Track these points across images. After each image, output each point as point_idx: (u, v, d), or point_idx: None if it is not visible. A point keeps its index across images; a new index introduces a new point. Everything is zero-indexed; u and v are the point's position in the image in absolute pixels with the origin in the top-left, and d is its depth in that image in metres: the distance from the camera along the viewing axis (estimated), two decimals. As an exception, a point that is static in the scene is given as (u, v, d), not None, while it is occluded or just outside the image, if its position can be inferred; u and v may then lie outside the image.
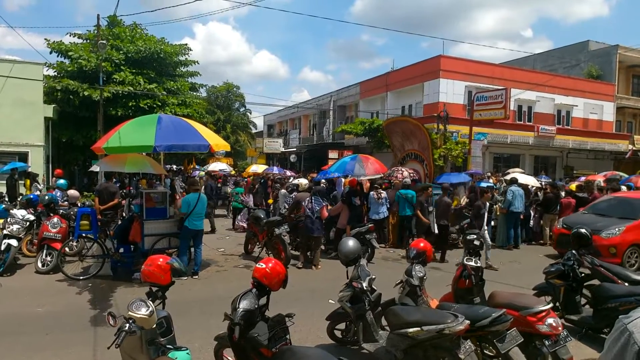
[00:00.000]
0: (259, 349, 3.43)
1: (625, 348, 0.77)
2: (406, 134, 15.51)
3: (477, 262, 4.91)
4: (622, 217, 9.90)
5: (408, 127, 15.57)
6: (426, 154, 14.83)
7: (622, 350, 0.78)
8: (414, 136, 15.16)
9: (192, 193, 8.39)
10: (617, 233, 9.47)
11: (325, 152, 27.37)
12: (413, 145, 15.26)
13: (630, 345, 0.77)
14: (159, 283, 3.55)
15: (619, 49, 30.50)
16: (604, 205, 11.00)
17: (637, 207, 10.02)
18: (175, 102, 21.48)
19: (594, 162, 27.96)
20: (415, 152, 15.21)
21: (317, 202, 9.33)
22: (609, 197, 11.65)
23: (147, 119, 8.70)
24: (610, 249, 9.24)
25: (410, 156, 15.36)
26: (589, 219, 10.28)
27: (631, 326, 0.79)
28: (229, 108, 43.77)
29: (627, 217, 9.80)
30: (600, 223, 9.81)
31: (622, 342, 0.78)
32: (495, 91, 20.96)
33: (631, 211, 10.00)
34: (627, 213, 9.98)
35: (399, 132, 15.92)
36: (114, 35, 22.14)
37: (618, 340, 0.79)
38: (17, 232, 8.30)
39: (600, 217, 10.29)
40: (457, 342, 3.77)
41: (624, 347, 0.78)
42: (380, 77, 30.84)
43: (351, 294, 4.67)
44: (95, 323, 5.75)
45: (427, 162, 14.84)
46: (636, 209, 9.98)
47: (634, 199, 10.67)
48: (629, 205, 10.37)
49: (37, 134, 17.86)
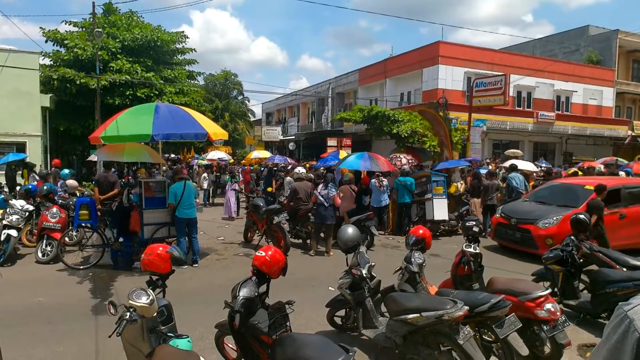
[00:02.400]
0: (260, 336, 3.45)
1: (626, 335, 0.77)
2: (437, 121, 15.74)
3: (476, 248, 4.93)
4: (562, 205, 9.17)
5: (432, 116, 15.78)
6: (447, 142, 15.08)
7: (622, 337, 0.78)
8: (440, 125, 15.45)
9: (178, 182, 8.29)
10: (554, 223, 8.71)
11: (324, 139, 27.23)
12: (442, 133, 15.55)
13: (631, 332, 0.77)
14: (159, 272, 3.56)
15: (619, 33, 30.28)
16: (545, 192, 10.29)
17: (578, 194, 9.24)
18: (172, 91, 21.37)
19: (593, 148, 27.96)
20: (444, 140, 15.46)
21: (330, 190, 9.32)
22: (551, 183, 11.02)
23: (144, 108, 8.64)
24: (546, 240, 8.49)
25: (443, 144, 15.57)
26: (528, 207, 9.68)
27: (632, 313, 0.79)
28: (227, 96, 43.60)
29: (567, 205, 9.00)
30: (539, 212, 9.17)
31: (622, 329, 0.78)
32: (495, 77, 20.88)
33: (572, 198, 9.22)
34: (568, 200, 9.24)
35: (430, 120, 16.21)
36: (110, 23, 21.94)
37: (618, 328, 0.79)
38: (16, 222, 8.30)
39: (541, 205, 9.59)
40: (456, 327, 3.80)
41: (624, 335, 0.78)
42: (378, 64, 30.64)
43: (351, 281, 4.69)
44: (96, 312, 5.78)
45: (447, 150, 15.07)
46: (577, 196, 9.22)
47: (575, 185, 9.91)
48: (570, 192, 9.65)
49: (35, 124, 17.78)
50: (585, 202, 8.63)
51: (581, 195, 9.11)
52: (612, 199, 9.07)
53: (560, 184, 10.53)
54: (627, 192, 9.38)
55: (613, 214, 8.91)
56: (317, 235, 9.46)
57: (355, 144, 25.52)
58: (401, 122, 20.07)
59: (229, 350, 4.18)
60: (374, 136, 22.48)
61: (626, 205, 9.21)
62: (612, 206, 8.94)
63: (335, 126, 31.16)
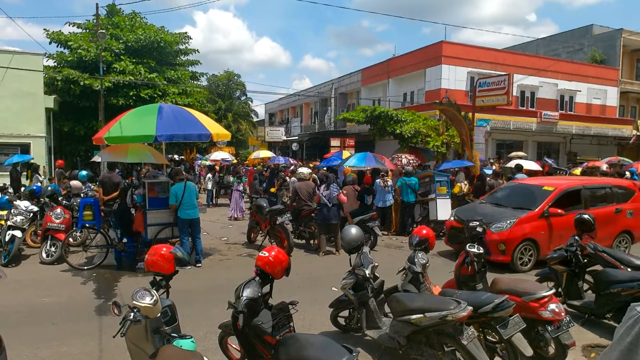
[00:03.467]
0: (263, 337, 3.45)
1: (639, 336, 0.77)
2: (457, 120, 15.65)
3: (480, 248, 4.91)
4: (518, 207, 8.54)
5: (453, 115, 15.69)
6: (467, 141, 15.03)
7: (636, 338, 0.77)
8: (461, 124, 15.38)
9: (178, 183, 8.24)
10: (506, 227, 8.05)
11: (327, 140, 27.26)
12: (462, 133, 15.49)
13: None
14: (162, 272, 3.57)
15: (623, 33, 30.13)
16: (503, 193, 9.70)
17: (535, 196, 8.64)
18: (175, 92, 21.44)
19: (597, 147, 27.84)
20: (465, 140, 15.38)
21: (333, 190, 9.33)
22: (510, 183, 10.44)
23: (148, 109, 8.67)
24: (499, 245, 7.89)
25: (465, 143, 15.48)
26: (483, 209, 9.00)
27: None
28: (230, 97, 43.62)
29: (522, 208, 8.44)
30: (493, 215, 8.44)
31: (636, 330, 0.78)
32: (498, 77, 20.79)
33: (529, 200, 8.60)
34: (524, 202, 8.62)
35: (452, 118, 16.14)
36: (113, 24, 22.02)
37: (632, 329, 0.79)
38: (21, 223, 8.34)
39: (496, 207, 8.94)
40: (460, 328, 3.79)
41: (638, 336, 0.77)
42: (381, 64, 30.62)
43: (354, 281, 4.69)
44: (100, 312, 5.80)
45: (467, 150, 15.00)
46: (534, 197, 8.60)
47: (534, 185, 9.24)
48: (527, 193, 9.00)
49: (39, 125, 17.86)
50: (542, 204, 8.26)
51: (539, 196, 8.53)
52: (573, 201, 8.66)
53: (518, 185, 9.86)
54: (588, 193, 8.78)
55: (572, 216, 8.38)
56: (323, 235, 9.44)
57: (358, 144, 25.53)
58: (404, 122, 20.05)
59: (232, 351, 4.19)
60: (377, 136, 22.46)
61: (587, 207, 8.49)
62: (571, 208, 8.43)
63: (338, 126, 31.17)
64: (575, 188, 8.82)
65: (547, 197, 8.40)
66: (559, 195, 8.44)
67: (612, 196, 8.99)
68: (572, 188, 8.80)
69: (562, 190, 8.57)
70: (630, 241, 8.95)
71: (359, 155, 13.79)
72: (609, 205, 8.79)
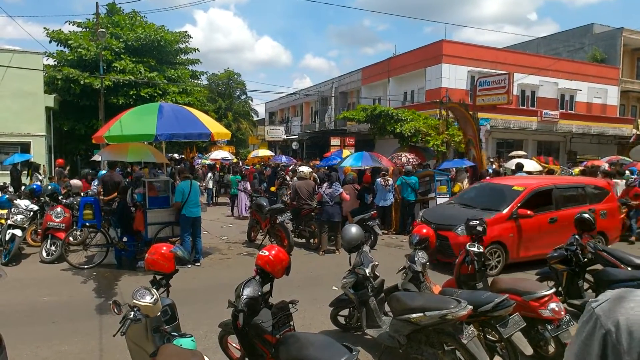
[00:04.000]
0: (263, 336, 3.45)
1: (593, 332, 0.81)
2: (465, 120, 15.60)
3: (480, 247, 4.91)
4: (486, 208, 8.15)
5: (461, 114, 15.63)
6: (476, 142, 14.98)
7: (590, 334, 0.82)
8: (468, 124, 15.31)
9: (184, 181, 8.31)
10: None
11: (327, 139, 27.25)
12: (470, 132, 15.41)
13: (597, 329, 0.81)
14: (163, 271, 3.58)
15: (623, 31, 30.10)
16: (472, 193, 9.34)
17: (504, 196, 8.28)
18: (176, 91, 21.43)
19: (597, 146, 27.81)
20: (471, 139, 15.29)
21: (335, 188, 9.34)
22: (480, 183, 10.17)
23: (148, 108, 8.67)
24: None
25: (471, 143, 15.39)
26: (451, 211, 8.72)
27: (598, 310, 0.83)
28: (230, 96, 43.61)
29: (491, 209, 8.04)
30: (460, 216, 7.80)
31: (590, 326, 0.82)
32: (498, 76, 20.82)
33: (498, 200, 8.25)
34: (493, 203, 8.26)
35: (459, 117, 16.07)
36: (113, 23, 22.01)
37: (587, 324, 0.83)
38: (21, 222, 8.35)
39: (464, 208, 8.55)
40: (460, 327, 3.79)
41: (591, 331, 0.81)
42: (382, 63, 30.60)
43: (354, 280, 4.69)
44: (101, 311, 5.80)
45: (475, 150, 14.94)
46: (503, 197, 8.26)
47: (503, 185, 8.88)
48: (497, 193, 8.66)
49: (39, 124, 17.86)
50: (511, 205, 7.90)
51: (508, 196, 8.17)
52: (544, 201, 8.35)
53: (487, 184, 9.54)
54: (560, 193, 8.43)
55: (543, 218, 8.10)
56: (325, 234, 9.43)
57: (358, 143, 25.53)
58: (404, 121, 20.05)
59: (232, 350, 4.19)
60: (377, 135, 22.45)
61: (558, 207, 8.28)
62: (542, 208, 8.22)
63: (339, 125, 31.16)
64: (546, 188, 8.46)
65: (516, 198, 8.03)
66: (528, 196, 8.10)
67: (585, 196, 8.68)
68: (543, 188, 8.45)
69: (532, 191, 8.22)
70: (604, 243, 8.32)
71: (355, 155, 13.82)
72: (581, 206, 8.30)
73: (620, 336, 0.77)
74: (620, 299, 0.82)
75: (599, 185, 9.18)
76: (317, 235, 9.53)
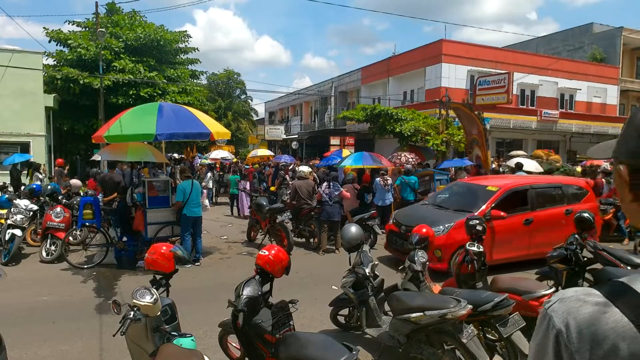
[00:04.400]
0: (263, 335, 3.46)
1: (547, 332, 0.83)
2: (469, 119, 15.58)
3: (480, 247, 4.92)
4: (459, 209, 7.81)
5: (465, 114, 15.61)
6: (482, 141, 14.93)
7: (544, 334, 0.84)
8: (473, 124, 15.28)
9: (185, 180, 8.33)
10: (443, 231, 7.30)
11: (326, 138, 27.27)
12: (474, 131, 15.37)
13: (550, 329, 0.82)
14: (162, 271, 3.58)
15: (623, 31, 30.10)
16: (445, 194, 9.07)
17: (477, 197, 7.98)
18: (175, 90, 21.42)
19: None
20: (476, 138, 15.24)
21: (335, 188, 9.34)
22: (454, 183, 9.93)
23: (148, 108, 8.66)
24: (435, 252, 7.06)
25: (476, 142, 15.30)
26: (423, 212, 8.40)
27: (550, 310, 0.84)
28: (229, 95, 43.56)
29: (464, 210, 7.64)
30: (431, 218, 7.60)
31: (544, 326, 0.84)
32: (498, 75, 20.83)
33: (471, 201, 7.94)
34: (466, 204, 7.94)
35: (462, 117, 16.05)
36: (113, 22, 21.99)
37: (541, 325, 0.85)
38: (20, 222, 8.35)
39: (437, 209, 8.28)
40: (460, 326, 3.79)
41: (545, 332, 0.83)
42: (381, 63, 30.59)
43: (354, 280, 4.69)
44: (101, 311, 5.80)
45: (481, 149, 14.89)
46: (476, 198, 7.94)
47: (477, 185, 8.55)
48: (470, 193, 8.34)
49: (38, 124, 17.85)
50: (484, 206, 7.53)
51: (482, 197, 7.86)
52: (520, 202, 8.07)
53: (462, 184, 9.23)
54: (536, 194, 8.11)
55: (517, 219, 7.78)
56: (324, 233, 9.43)
57: (358, 143, 25.53)
58: (404, 121, 20.06)
59: (232, 349, 4.19)
60: (376, 135, 22.47)
61: (534, 208, 7.98)
62: (518, 209, 7.95)
63: (338, 125, 31.16)
64: (522, 188, 8.15)
65: (489, 198, 7.69)
66: (503, 196, 7.76)
67: (562, 197, 8.37)
68: (519, 188, 8.14)
69: (507, 191, 7.89)
70: None
71: (355, 155, 13.82)
72: (558, 206, 8.14)
73: (571, 335, 0.79)
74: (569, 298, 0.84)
75: (577, 185, 8.90)
76: (317, 234, 9.54)
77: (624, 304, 0.78)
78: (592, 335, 0.77)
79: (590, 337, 0.77)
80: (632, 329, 0.74)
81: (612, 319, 0.77)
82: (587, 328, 0.78)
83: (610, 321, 0.77)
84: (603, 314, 0.78)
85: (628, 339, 0.74)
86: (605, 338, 0.76)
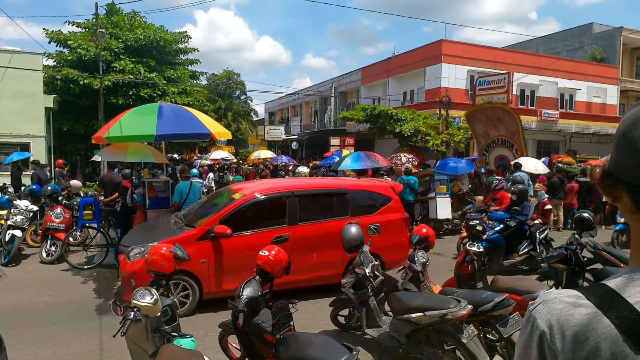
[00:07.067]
0: (263, 336, 3.46)
1: (531, 333, 0.84)
2: (492, 120, 15.57)
3: (480, 247, 4.92)
4: (190, 223, 6.27)
5: (495, 113, 15.59)
6: (516, 139, 14.86)
7: (529, 336, 0.85)
8: (501, 122, 15.21)
9: (184, 181, 8.29)
10: (144, 253, 4.78)
11: (326, 139, 27.27)
12: (499, 132, 15.28)
13: (534, 330, 0.84)
14: (163, 271, 3.58)
15: (623, 31, 30.10)
16: (204, 201, 7.57)
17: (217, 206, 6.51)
18: (175, 91, 21.42)
19: (597, 146, 27.80)
20: (502, 138, 15.15)
21: None
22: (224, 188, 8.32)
23: (147, 108, 8.65)
24: (131, 281, 5.53)
25: (497, 142, 15.17)
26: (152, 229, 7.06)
27: (534, 312, 0.85)
28: (229, 96, 43.56)
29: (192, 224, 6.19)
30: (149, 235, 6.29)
31: (528, 327, 0.85)
32: (498, 75, 20.76)
33: (210, 212, 6.42)
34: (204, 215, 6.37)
35: (482, 119, 16.06)
36: (112, 23, 21.98)
37: (526, 326, 0.87)
38: (20, 222, 8.34)
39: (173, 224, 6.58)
40: (460, 326, 3.79)
41: (530, 334, 0.85)
42: (381, 63, 30.60)
43: (354, 280, 4.69)
44: (101, 312, 5.80)
45: (517, 147, 14.79)
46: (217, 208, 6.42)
47: (229, 190, 7.17)
48: (217, 201, 6.96)
49: (38, 125, 17.83)
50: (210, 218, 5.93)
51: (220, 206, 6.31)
52: (279, 213, 6.33)
53: (224, 190, 7.79)
54: (300, 202, 6.35)
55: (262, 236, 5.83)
56: None
57: (358, 143, 25.53)
58: (404, 121, 20.07)
59: (232, 350, 4.19)
60: (376, 135, 22.46)
61: (293, 221, 6.23)
62: (269, 222, 6.24)
63: (338, 125, 31.16)
64: (276, 195, 6.44)
65: (221, 210, 6.06)
66: (241, 207, 6.05)
67: (345, 206, 6.63)
68: (271, 195, 6.41)
69: (248, 200, 6.11)
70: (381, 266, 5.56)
71: (353, 156, 13.82)
72: (336, 219, 6.35)
73: (554, 337, 0.80)
74: (552, 300, 0.84)
75: (371, 190, 7.00)
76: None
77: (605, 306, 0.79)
78: (574, 336, 0.78)
79: (572, 338, 0.78)
80: (613, 330, 0.76)
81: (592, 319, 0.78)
82: (569, 329, 0.79)
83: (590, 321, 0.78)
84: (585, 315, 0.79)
85: (609, 339, 0.75)
86: (587, 339, 0.77)
